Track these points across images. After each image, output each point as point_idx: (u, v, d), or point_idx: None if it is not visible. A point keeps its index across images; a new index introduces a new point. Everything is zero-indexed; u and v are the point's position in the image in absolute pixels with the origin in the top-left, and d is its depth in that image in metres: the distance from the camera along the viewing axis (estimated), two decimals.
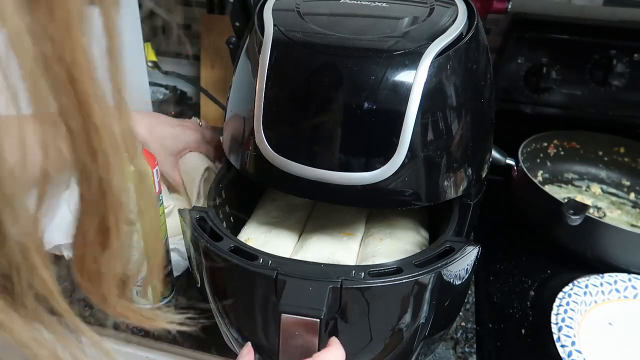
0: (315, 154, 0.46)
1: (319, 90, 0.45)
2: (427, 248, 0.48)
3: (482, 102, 0.50)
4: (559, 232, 0.71)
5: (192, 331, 0.35)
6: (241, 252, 0.45)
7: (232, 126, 0.53)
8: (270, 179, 0.49)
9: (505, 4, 0.79)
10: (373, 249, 0.55)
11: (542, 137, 0.86)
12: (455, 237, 0.49)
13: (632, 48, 0.83)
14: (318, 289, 0.41)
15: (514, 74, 0.89)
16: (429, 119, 0.45)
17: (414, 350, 0.49)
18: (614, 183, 0.87)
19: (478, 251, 0.47)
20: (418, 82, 0.44)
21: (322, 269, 0.43)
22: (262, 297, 0.44)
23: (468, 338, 0.61)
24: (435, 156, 0.47)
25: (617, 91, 0.85)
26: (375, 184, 0.46)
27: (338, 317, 0.42)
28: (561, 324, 0.59)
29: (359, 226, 0.60)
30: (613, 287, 0.65)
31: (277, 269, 0.42)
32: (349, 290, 0.42)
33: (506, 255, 0.75)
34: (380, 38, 0.47)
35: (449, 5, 0.51)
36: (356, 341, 0.46)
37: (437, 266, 0.44)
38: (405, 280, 0.42)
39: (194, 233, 0.47)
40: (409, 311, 0.45)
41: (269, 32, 0.48)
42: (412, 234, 0.57)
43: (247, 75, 0.50)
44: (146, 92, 0.97)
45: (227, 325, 0.50)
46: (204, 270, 0.48)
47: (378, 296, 0.43)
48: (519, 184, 0.76)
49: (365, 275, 0.42)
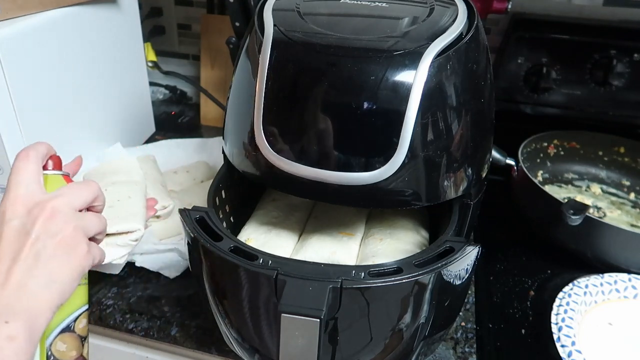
0: (315, 154, 0.46)
1: (319, 91, 0.45)
2: (427, 248, 0.48)
3: (482, 102, 0.50)
4: (559, 232, 0.71)
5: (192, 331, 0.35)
6: (241, 252, 0.45)
7: (232, 126, 0.53)
8: (270, 179, 0.49)
9: (505, 4, 0.79)
10: (373, 249, 0.55)
11: (542, 137, 0.86)
12: (456, 237, 0.49)
13: (632, 48, 0.83)
14: (318, 289, 0.41)
15: (514, 74, 0.89)
16: (429, 119, 0.45)
17: (414, 350, 0.49)
18: (614, 183, 0.87)
19: (478, 251, 0.47)
20: (418, 82, 0.44)
21: (322, 269, 0.43)
22: (262, 297, 0.44)
23: (468, 338, 0.61)
24: (435, 156, 0.47)
25: (617, 91, 0.85)
26: (375, 184, 0.46)
27: (338, 317, 0.42)
28: (561, 324, 0.59)
29: (359, 226, 0.60)
30: (613, 287, 0.65)
31: (277, 269, 0.42)
32: (349, 290, 0.42)
33: (506, 255, 0.75)
34: (380, 38, 0.47)
35: (449, 5, 0.51)
36: (356, 341, 0.46)
37: (437, 266, 0.44)
38: (405, 280, 0.42)
39: (194, 233, 0.47)
40: (409, 311, 0.45)
41: (269, 32, 0.48)
42: (412, 234, 0.57)
43: (247, 75, 0.50)
44: (146, 92, 0.97)
45: (227, 326, 0.50)
46: (204, 270, 0.48)
47: (378, 296, 0.43)
48: (519, 184, 0.76)
49: (365, 275, 0.42)
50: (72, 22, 0.72)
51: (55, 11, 0.69)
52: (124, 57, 0.87)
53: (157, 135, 1.01)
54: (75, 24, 0.73)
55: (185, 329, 0.61)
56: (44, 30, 0.67)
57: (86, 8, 0.74)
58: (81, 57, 0.75)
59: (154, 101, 1.05)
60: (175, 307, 0.64)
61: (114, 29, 0.83)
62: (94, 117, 0.81)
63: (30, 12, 0.66)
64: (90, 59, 0.77)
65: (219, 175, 0.57)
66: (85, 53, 0.76)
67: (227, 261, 0.44)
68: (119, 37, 0.84)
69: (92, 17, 0.76)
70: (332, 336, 0.44)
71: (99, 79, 0.81)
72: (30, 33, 0.64)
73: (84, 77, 0.77)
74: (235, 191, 0.60)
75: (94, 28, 0.77)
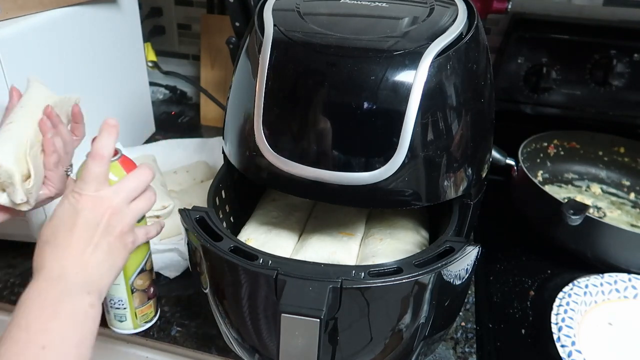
0: (315, 154, 0.46)
1: (319, 91, 0.45)
2: (427, 248, 0.48)
3: (482, 102, 0.50)
4: (559, 232, 0.71)
5: (192, 331, 0.35)
6: (241, 252, 0.45)
7: (232, 126, 0.53)
8: (270, 179, 0.49)
9: (505, 4, 0.79)
10: (373, 249, 0.55)
11: (542, 137, 0.86)
12: (456, 237, 0.49)
13: (632, 48, 0.83)
14: (318, 289, 0.41)
15: (514, 74, 0.89)
16: (429, 119, 0.45)
17: (414, 350, 0.49)
18: (614, 183, 0.87)
19: (478, 251, 0.47)
20: (418, 82, 0.44)
21: (322, 269, 0.43)
22: (262, 297, 0.44)
23: (468, 338, 0.61)
24: (435, 156, 0.47)
25: (617, 91, 0.85)
26: (375, 184, 0.46)
27: (338, 317, 0.42)
28: (561, 324, 0.59)
29: (359, 226, 0.60)
30: (613, 287, 0.65)
31: (277, 269, 0.42)
32: (349, 290, 0.41)
33: (506, 255, 0.75)
34: (380, 38, 0.47)
35: (449, 5, 0.51)
36: (356, 341, 0.46)
37: (437, 266, 0.44)
38: (405, 280, 0.42)
39: (194, 233, 0.47)
40: (409, 311, 0.45)
41: (269, 32, 0.48)
42: (412, 234, 0.57)
43: (247, 75, 0.50)
44: (146, 92, 0.97)
45: (227, 325, 0.50)
46: (204, 270, 0.48)
47: (378, 296, 0.43)
48: (519, 184, 0.76)
49: (365, 275, 0.42)
50: (72, 22, 0.72)
51: (55, 11, 0.69)
52: (124, 57, 0.87)
53: (157, 135, 1.02)
54: (75, 24, 0.73)
55: (185, 329, 0.61)
56: (44, 30, 0.67)
57: (86, 8, 0.74)
58: (81, 57, 0.75)
59: (154, 101, 1.05)
60: (175, 307, 0.64)
61: (114, 29, 0.83)
62: (94, 117, 0.81)
63: (30, 12, 0.66)
64: (90, 59, 0.77)
65: (219, 175, 0.57)
66: (85, 53, 0.76)
67: (227, 261, 0.44)
68: (119, 37, 0.84)
69: (92, 17, 0.76)
70: (332, 336, 0.44)
71: (99, 79, 0.81)
72: (30, 33, 0.64)
73: (83, 77, 0.77)
74: (235, 191, 0.60)
75: (94, 28, 0.77)
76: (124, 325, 0.59)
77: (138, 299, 0.58)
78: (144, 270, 0.56)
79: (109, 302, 0.57)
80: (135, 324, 0.59)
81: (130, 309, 0.58)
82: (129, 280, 0.55)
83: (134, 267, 0.55)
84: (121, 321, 0.59)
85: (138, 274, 0.56)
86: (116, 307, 0.57)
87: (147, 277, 0.57)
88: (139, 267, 0.56)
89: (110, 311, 0.58)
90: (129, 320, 0.59)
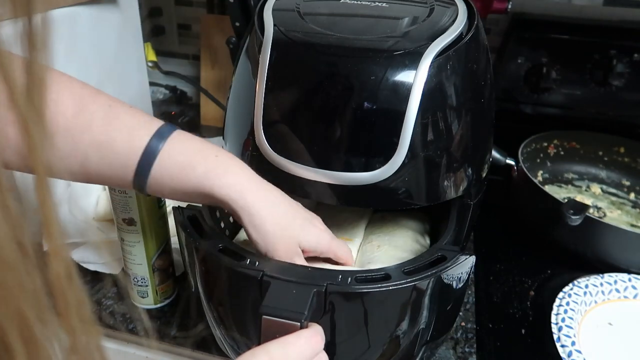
0: (315, 154, 0.46)
1: (319, 91, 0.45)
2: (418, 255, 0.46)
3: (482, 102, 0.50)
4: (559, 232, 0.71)
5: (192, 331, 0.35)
6: (229, 252, 0.44)
7: (232, 126, 0.53)
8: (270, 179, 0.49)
9: (505, 4, 0.79)
10: (370, 256, 0.54)
11: (542, 137, 0.86)
12: (450, 245, 0.47)
13: (632, 48, 0.83)
14: (301, 292, 0.40)
15: (514, 74, 0.89)
16: (429, 119, 0.45)
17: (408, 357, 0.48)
18: (614, 183, 0.87)
19: (473, 261, 0.45)
20: (418, 82, 0.44)
21: (309, 273, 0.42)
22: (249, 298, 0.43)
23: (468, 338, 0.61)
24: (435, 156, 0.47)
25: (617, 91, 0.85)
26: (376, 184, 0.46)
27: (322, 322, 0.41)
28: (561, 324, 0.59)
29: (358, 232, 0.59)
30: (613, 287, 0.65)
31: (263, 271, 0.41)
32: (334, 295, 0.40)
33: (506, 255, 0.75)
34: (380, 38, 0.47)
35: (449, 5, 0.51)
36: (342, 347, 0.45)
37: (426, 274, 0.42)
38: (392, 288, 0.41)
39: (184, 231, 0.47)
40: (397, 319, 0.43)
41: (269, 32, 0.48)
42: (411, 241, 0.57)
43: (247, 75, 0.50)
44: (146, 92, 0.97)
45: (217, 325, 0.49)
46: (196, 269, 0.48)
47: (364, 302, 0.41)
48: (519, 184, 0.76)
49: (352, 280, 0.41)
50: (72, 22, 0.72)
51: (55, 11, 0.68)
52: (124, 57, 0.87)
53: None
54: (75, 24, 0.73)
55: (185, 329, 0.61)
56: None
57: (86, 8, 0.74)
58: (81, 57, 0.75)
59: (154, 101, 1.05)
60: (175, 307, 0.64)
61: (114, 29, 0.83)
62: None
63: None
64: (90, 59, 0.77)
65: None
66: (85, 53, 0.76)
67: (214, 260, 0.44)
68: (119, 37, 0.84)
69: (92, 17, 0.76)
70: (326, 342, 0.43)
71: (99, 78, 0.81)
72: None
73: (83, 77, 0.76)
74: None
75: (94, 28, 0.77)
76: (146, 301, 0.63)
77: (159, 278, 0.62)
78: (164, 252, 0.61)
79: (132, 280, 0.62)
80: (155, 299, 0.63)
81: (151, 287, 0.62)
82: (150, 260, 0.60)
83: (154, 249, 0.59)
84: (143, 297, 0.63)
85: (159, 255, 0.60)
86: (139, 285, 0.62)
87: (166, 258, 0.62)
88: (159, 249, 0.60)
89: (134, 288, 0.62)
90: (150, 297, 0.63)
